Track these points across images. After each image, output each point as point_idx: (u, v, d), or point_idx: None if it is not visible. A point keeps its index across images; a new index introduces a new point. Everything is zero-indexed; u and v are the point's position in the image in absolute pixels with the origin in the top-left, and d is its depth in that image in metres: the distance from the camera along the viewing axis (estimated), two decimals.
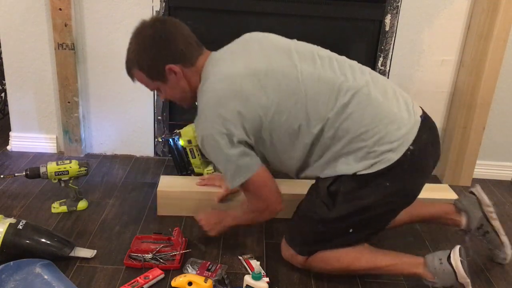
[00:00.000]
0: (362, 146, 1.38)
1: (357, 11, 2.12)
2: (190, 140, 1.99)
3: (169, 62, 1.42)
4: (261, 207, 1.49)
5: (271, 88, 1.38)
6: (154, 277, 1.46)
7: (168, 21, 1.47)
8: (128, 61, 1.49)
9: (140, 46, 1.44)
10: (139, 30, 1.44)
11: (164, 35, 1.42)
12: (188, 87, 1.48)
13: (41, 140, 2.31)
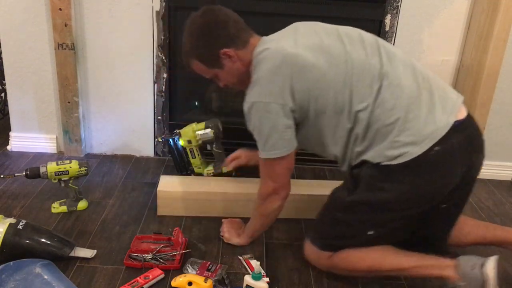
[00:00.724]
0: (388, 135, 1.38)
1: (357, 11, 2.11)
2: (190, 140, 1.98)
3: (223, 46, 1.47)
4: (272, 191, 1.52)
5: (322, 63, 1.40)
6: (154, 277, 1.46)
7: (217, 8, 1.51)
8: (185, 53, 1.56)
9: (194, 37, 1.51)
10: (191, 22, 1.51)
11: (215, 22, 1.48)
12: (243, 68, 1.51)
13: (41, 140, 2.31)
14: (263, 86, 1.41)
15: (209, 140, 1.98)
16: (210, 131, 1.96)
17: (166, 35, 2.12)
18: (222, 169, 2.00)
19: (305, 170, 2.31)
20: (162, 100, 2.24)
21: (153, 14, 2.09)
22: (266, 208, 1.57)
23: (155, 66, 2.18)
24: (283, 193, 1.53)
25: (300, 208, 1.85)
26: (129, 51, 2.15)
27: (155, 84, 2.22)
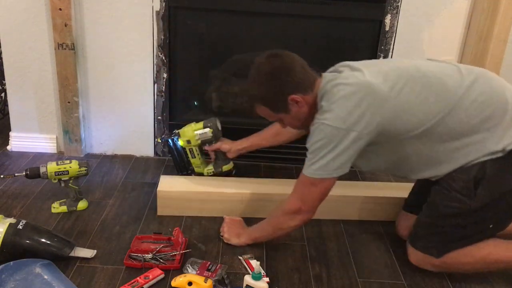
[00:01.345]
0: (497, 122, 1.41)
1: (357, 11, 2.11)
2: (189, 140, 1.98)
3: (291, 93, 1.49)
4: (297, 210, 1.52)
5: (401, 89, 1.42)
6: (154, 277, 1.46)
7: (283, 54, 1.52)
8: (251, 98, 1.59)
9: (261, 83, 1.52)
10: (257, 67, 1.53)
11: (282, 68, 1.49)
12: (308, 112, 1.53)
13: (41, 140, 2.31)
14: (336, 112, 1.41)
15: (208, 140, 1.98)
16: (209, 130, 1.96)
17: (166, 35, 2.12)
18: (222, 168, 2.02)
19: None
20: (162, 100, 2.24)
21: (153, 14, 2.09)
22: (283, 223, 1.57)
23: (155, 66, 2.18)
24: (305, 217, 1.54)
25: None
26: (129, 51, 2.15)
27: (155, 84, 2.22)
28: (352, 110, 1.39)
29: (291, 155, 2.33)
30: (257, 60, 1.52)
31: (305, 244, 1.73)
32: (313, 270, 1.59)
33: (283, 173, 2.27)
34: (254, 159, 2.33)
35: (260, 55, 1.53)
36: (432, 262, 1.55)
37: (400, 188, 1.95)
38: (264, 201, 1.86)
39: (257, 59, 1.53)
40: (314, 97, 1.51)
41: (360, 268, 1.61)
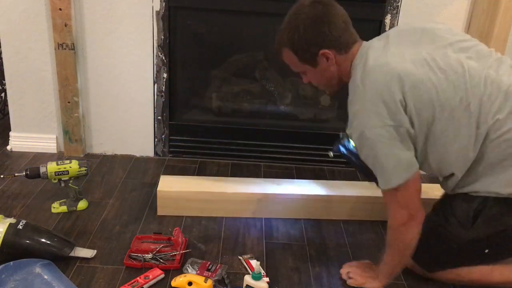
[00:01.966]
0: None
1: (357, 11, 2.11)
2: None
3: (324, 47, 1.37)
4: (408, 217, 1.36)
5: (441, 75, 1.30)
6: (154, 277, 1.46)
7: (328, 3, 1.40)
8: (280, 39, 1.44)
9: (297, 27, 1.39)
10: (298, 10, 1.40)
11: (323, 18, 1.36)
12: (336, 74, 1.43)
13: (41, 140, 2.31)
14: (371, 110, 1.30)
15: None
16: None
17: (166, 35, 2.12)
18: None
19: (305, 170, 2.31)
20: (162, 100, 2.24)
21: (153, 14, 2.09)
22: (405, 238, 1.40)
23: (155, 66, 2.18)
24: (419, 217, 1.37)
25: (300, 208, 1.85)
26: (129, 51, 2.15)
27: (155, 84, 2.21)
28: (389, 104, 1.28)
29: (291, 155, 2.34)
30: (300, 1, 1.40)
31: (305, 244, 1.73)
32: (313, 270, 1.59)
33: (283, 173, 2.27)
34: (254, 159, 2.34)
35: None
36: (428, 274, 1.53)
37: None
38: (265, 201, 1.86)
39: (300, 2, 1.40)
40: (347, 62, 1.40)
41: None
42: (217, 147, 2.32)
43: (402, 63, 1.31)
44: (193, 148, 2.34)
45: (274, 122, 2.37)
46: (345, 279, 1.53)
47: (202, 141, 2.33)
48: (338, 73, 1.43)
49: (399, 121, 1.29)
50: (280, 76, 2.37)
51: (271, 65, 2.35)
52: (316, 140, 2.32)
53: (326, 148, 2.30)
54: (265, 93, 2.37)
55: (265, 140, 2.32)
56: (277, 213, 1.88)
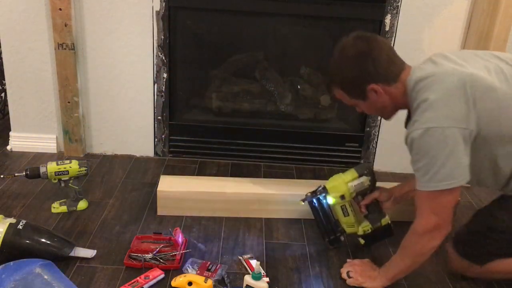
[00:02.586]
0: None
1: (357, 11, 2.11)
2: (343, 196, 1.63)
3: (371, 82, 1.41)
4: (435, 226, 1.35)
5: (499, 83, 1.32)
6: (154, 277, 1.46)
7: (370, 38, 1.43)
8: (330, 79, 1.51)
9: (342, 66, 1.45)
10: (342, 49, 1.45)
11: (367, 55, 1.40)
12: (389, 102, 1.46)
13: (41, 140, 2.31)
14: (440, 109, 1.29)
15: (364, 190, 1.66)
16: (366, 179, 1.65)
17: (166, 35, 2.12)
18: (381, 222, 1.67)
19: (305, 170, 2.31)
20: (162, 100, 2.24)
21: (153, 14, 2.09)
22: (424, 246, 1.39)
23: (155, 66, 2.18)
24: (445, 231, 1.37)
25: (300, 208, 1.85)
26: (129, 51, 2.15)
27: (155, 84, 2.21)
28: (460, 105, 1.28)
29: (291, 155, 2.34)
30: (343, 40, 1.44)
31: (305, 244, 1.73)
32: (313, 270, 1.59)
33: (283, 173, 2.27)
34: (254, 159, 2.34)
35: (349, 35, 1.44)
36: (474, 269, 1.52)
37: None
38: (265, 201, 1.86)
39: (344, 39, 1.44)
40: (399, 89, 1.42)
41: None
42: (217, 147, 2.32)
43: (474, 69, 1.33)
44: (193, 148, 2.34)
45: (274, 122, 2.37)
46: (345, 279, 1.53)
47: (202, 141, 2.33)
48: (391, 101, 1.46)
49: (468, 124, 1.29)
50: (280, 76, 2.38)
51: (271, 65, 2.36)
52: (316, 140, 2.32)
53: (326, 148, 2.33)
54: (265, 93, 2.37)
55: (265, 140, 2.32)
56: (277, 213, 1.88)
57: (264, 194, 1.87)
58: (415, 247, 1.42)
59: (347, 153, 2.33)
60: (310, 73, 2.38)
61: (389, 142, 2.30)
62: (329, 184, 1.66)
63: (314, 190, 1.68)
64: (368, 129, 2.28)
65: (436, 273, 1.61)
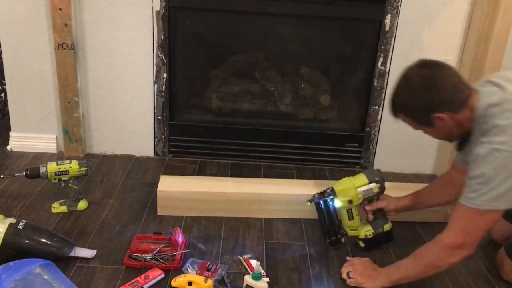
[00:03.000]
0: None
1: (357, 11, 2.11)
2: (351, 200, 1.64)
3: (437, 111, 1.40)
4: (460, 244, 1.36)
5: None
6: (154, 277, 1.46)
7: (435, 66, 1.43)
8: (395, 106, 1.50)
9: (407, 96, 1.44)
10: (407, 78, 1.45)
11: (431, 84, 1.39)
12: (455, 127, 1.45)
13: (41, 140, 2.31)
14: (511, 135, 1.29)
15: (372, 197, 1.66)
16: (375, 185, 1.64)
17: (166, 35, 2.12)
18: (384, 227, 1.68)
19: (305, 170, 2.31)
20: (162, 100, 2.24)
21: (153, 14, 2.09)
22: (442, 260, 1.40)
23: (155, 66, 2.18)
24: (468, 252, 1.37)
25: (300, 208, 1.85)
26: (129, 51, 2.15)
27: (155, 84, 2.21)
28: None
29: (291, 155, 2.34)
30: (408, 68, 1.45)
31: (305, 244, 1.73)
32: (313, 270, 1.59)
33: (283, 173, 2.27)
34: (254, 159, 2.34)
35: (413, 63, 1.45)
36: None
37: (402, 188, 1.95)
38: (265, 201, 1.86)
39: (409, 67, 1.45)
40: (466, 115, 1.40)
41: None
42: (217, 147, 2.32)
43: None
44: (193, 148, 2.34)
45: (274, 122, 2.37)
46: (345, 279, 1.53)
47: (202, 141, 2.33)
48: (457, 127, 1.44)
49: None
50: (280, 76, 2.38)
51: (271, 65, 2.36)
52: (316, 140, 2.32)
53: (326, 148, 2.33)
54: (265, 93, 2.37)
55: (265, 140, 2.32)
56: (277, 213, 1.88)
57: (264, 194, 1.87)
58: (433, 257, 1.42)
59: (347, 153, 2.33)
60: (310, 73, 2.38)
61: (389, 142, 2.30)
62: (338, 187, 1.66)
63: (322, 192, 1.68)
64: (368, 129, 2.28)
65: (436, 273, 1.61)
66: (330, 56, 2.37)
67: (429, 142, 2.30)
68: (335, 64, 2.38)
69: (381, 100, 2.22)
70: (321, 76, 2.39)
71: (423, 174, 2.35)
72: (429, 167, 2.35)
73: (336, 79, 2.40)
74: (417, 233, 1.84)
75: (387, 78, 2.19)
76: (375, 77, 2.18)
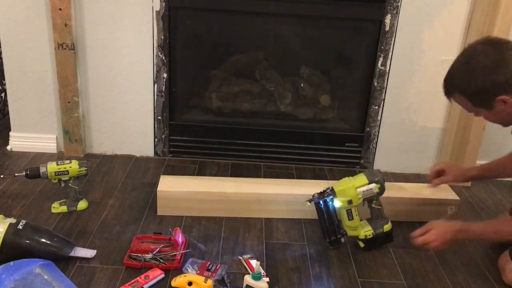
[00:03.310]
0: None
1: (357, 11, 2.11)
2: (350, 201, 1.63)
3: (502, 93, 1.36)
4: None
5: None
6: (154, 277, 1.46)
7: (502, 45, 1.38)
8: (452, 84, 1.45)
9: (470, 74, 1.39)
10: (471, 56, 1.40)
11: (498, 63, 1.34)
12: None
13: (41, 140, 2.31)
14: None
15: (372, 197, 1.66)
16: (375, 186, 1.64)
17: (166, 35, 2.12)
18: (384, 228, 1.69)
19: (305, 170, 2.31)
20: (162, 100, 2.24)
21: (153, 14, 2.09)
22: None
23: (155, 66, 2.18)
24: None
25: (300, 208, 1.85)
26: (129, 51, 2.15)
27: (155, 84, 2.21)
28: None
29: (291, 155, 2.34)
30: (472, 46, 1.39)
31: (305, 244, 1.73)
32: (313, 270, 1.59)
33: (283, 173, 2.27)
34: (254, 159, 2.34)
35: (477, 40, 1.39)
36: None
37: (400, 189, 1.95)
38: (265, 201, 1.86)
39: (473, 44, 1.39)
40: None
41: (360, 268, 1.61)
42: (217, 147, 2.32)
43: None
44: (193, 148, 2.34)
45: (274, 122, 2.37)
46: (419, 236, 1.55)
47: (202, 141, 2.33)
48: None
49: None
50: (280, 76, 2.38)
51: (271, 65, 2.36)
52: (316, 140, 2.32)
53: (326, 148, 2.33)
54: (265, 93, 2.37)
55: (265, 140, 2.32)
56: (277, 213, 1.88)
57: (264, 194, 1.87)
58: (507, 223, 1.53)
59: (347, 153, 2.33)
60: (310, 73, 2.38)
61: (389, 142, 2.30)
62: (338, 187, 1.65)
63: (322, 192, 1.68)
64: (368, 129, 2.28)
65: (435, 272, 1.61)
66: (330, 56, 2.37)
67: (429, 142, 2.31)
68: (335, 64, 2.38)
69: (381, 100, 2.22)
70: (321, 76, 2.39)
71: (423, 174, 2.35)
72: (429, 167, 2.34)
73: (336, 79, 2.40)
74: None
75: (387, 78, 2.19)
76: (375, 77, 2.18)
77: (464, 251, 1.74)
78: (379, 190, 1.64)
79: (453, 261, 1.68)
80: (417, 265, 1.64)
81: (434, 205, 1.88)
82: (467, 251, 1.74)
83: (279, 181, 2.02)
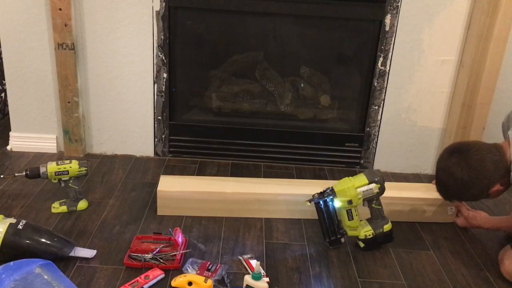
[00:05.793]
0: None
1: (357, 11, 2.12)
2: (350, 201, 1.64)
3: (491, 188, 1.61)
4: None
5: None
6: (154, 277, 1.46)
7: (466, 151, 1.61)
8: (450, 197, 1.74)
9: (460, 188, 1.63)
10: (449, 173, 1.63)
11: (476, 173, 1.58)
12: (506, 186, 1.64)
13: (41, 140, 2.31)
14: None
15: (372, 197, 1.66)
16: (375, 186, 1.64)
17: (166, 35, 2.12)
18: (384, 227, 1.69)
19: (305, 170, 2.31)
20: (162, 100, 2.24)
21: (153, 14, 2.09)
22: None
23: (155, 66, 2.18)
24: None
25: (300, 208, 1.85)
26: (129, 51, 2.15)
27: (155, 84, 2.22)
28: None
29: (291, 155, 2.34)
30: (443, 162, 1.65)
31: (305, 244, 1.73)
32: (313, 270, 1.59)
33: (283, 173, 2.27)
34: (254, 159, 2.34)
35: (443, 153, 1.69)
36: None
37: (400, 188, 1.95)
38: (265, 201, 1.86)
39: (443, 160, 1.66)
40: (507, 166, 1.58)
41: (360, 268, 1.62)
42: (217, 147, 2.33)
43: None
44: (193, 148, 2.34)
45: (274, 122, 2.37)
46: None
47: (202, 141, 2.33)
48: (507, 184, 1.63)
49: None
50: (280, 76, 2.38)
51: (271, 65, 2.36)
52: (316, 140, 2.32)
53: (326, 148, 2.33)
54: (265, 93, 2.37)
55: (265, 140, 2.32)
56: (277, 213, 1.88)
57: (264, 194, 1.87)
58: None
59: (347, 153, 2.33)
60: (310, 73, 2.38)
61: (389, 142, 2.30)
62: (338, 187, 1.65)
63: (322, 192, 1.68)
64: (368, 129, 2.28)
65: (435, 272, 1.61)
66: (330, 56, 2.37)
67: (429, 142, 2.31)
68: (335, 64, 2.38)
69: (381, 100, 2.22)
70: (321, 76, 2.39)
71: (423, 174, 2.35)
72: (429, 167, 2.35)
73: (336, 79, 2.40)
74: (417, 233, 1.84)
75: (387, 78, 2.19)
76: (375, 77, 2.18)
77: (464, 251, 1.74)
78: (379, 190, 1.65)
79: (453, 261, 1.68)
80: (417, 265, 1.65)
81: (434, 205, 1.88)
82: (468, 251, 1.74)
83: (279, 181, 2.02)
